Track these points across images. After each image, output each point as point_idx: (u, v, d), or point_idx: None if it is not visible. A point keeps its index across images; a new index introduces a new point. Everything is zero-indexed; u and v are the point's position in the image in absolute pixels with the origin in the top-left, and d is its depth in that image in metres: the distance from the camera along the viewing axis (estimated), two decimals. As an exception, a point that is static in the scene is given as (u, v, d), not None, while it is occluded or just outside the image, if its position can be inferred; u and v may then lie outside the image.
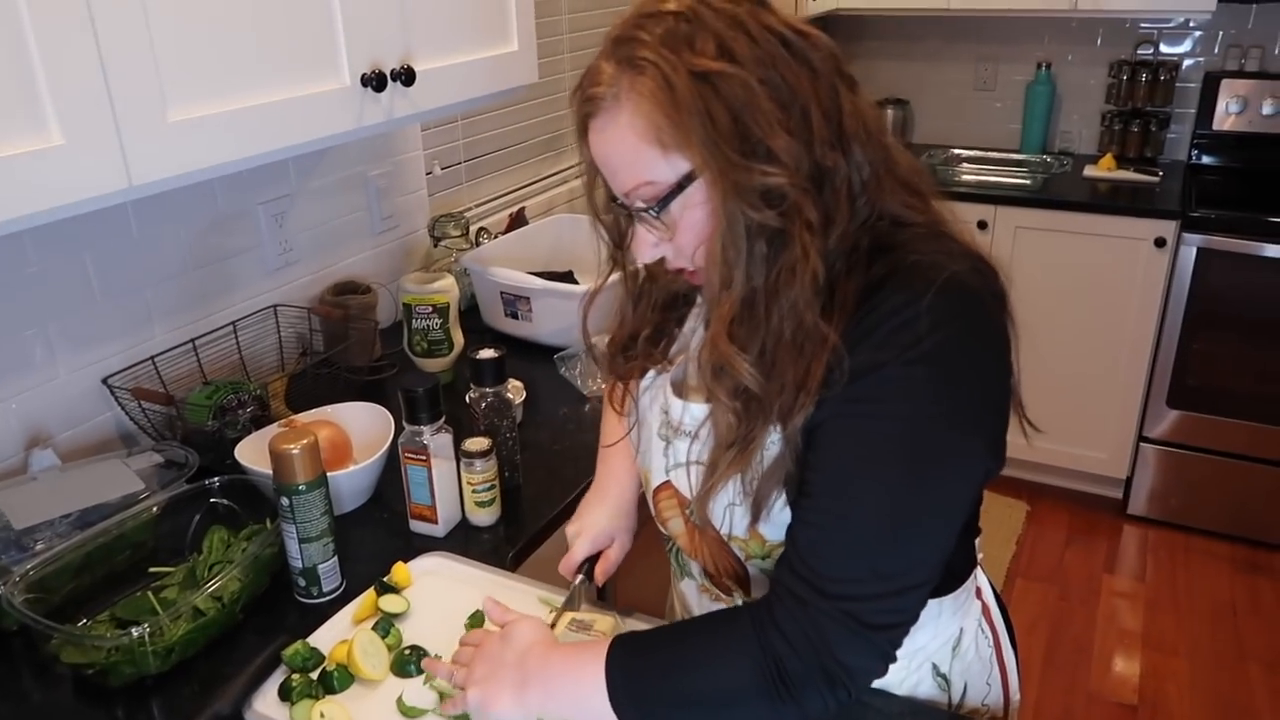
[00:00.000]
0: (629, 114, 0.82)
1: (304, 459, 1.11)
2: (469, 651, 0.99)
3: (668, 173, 0.83)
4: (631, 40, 0.82)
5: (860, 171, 0.84)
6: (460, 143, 2.25)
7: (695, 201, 0.84)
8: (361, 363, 1.73)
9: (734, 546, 0.96)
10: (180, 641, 1.07)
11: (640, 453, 1.08)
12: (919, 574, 0.85)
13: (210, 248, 1.63)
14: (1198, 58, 3.21)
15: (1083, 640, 2.68)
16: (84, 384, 1.44)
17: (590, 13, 2.70)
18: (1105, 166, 3.17)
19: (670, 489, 1.01)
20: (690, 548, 1.04)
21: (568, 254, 2.21)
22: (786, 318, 0.82)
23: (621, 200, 0.90)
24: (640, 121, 0.82)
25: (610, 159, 0.86)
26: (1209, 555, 3.01)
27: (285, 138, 1.22)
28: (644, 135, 0.82)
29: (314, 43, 1.24)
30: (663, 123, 0.80)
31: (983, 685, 1.09)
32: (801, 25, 0.85)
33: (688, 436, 0.96)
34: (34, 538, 1.18)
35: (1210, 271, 2.81)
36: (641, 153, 0.83)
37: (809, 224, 0.81)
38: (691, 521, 1.00)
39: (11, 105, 0.92)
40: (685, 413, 0.97)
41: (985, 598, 1.13)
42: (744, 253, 0.82)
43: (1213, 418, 2.95)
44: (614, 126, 0.84)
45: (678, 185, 0.83)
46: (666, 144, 0.81)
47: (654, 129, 0.81)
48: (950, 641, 1.04)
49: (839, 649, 0.82)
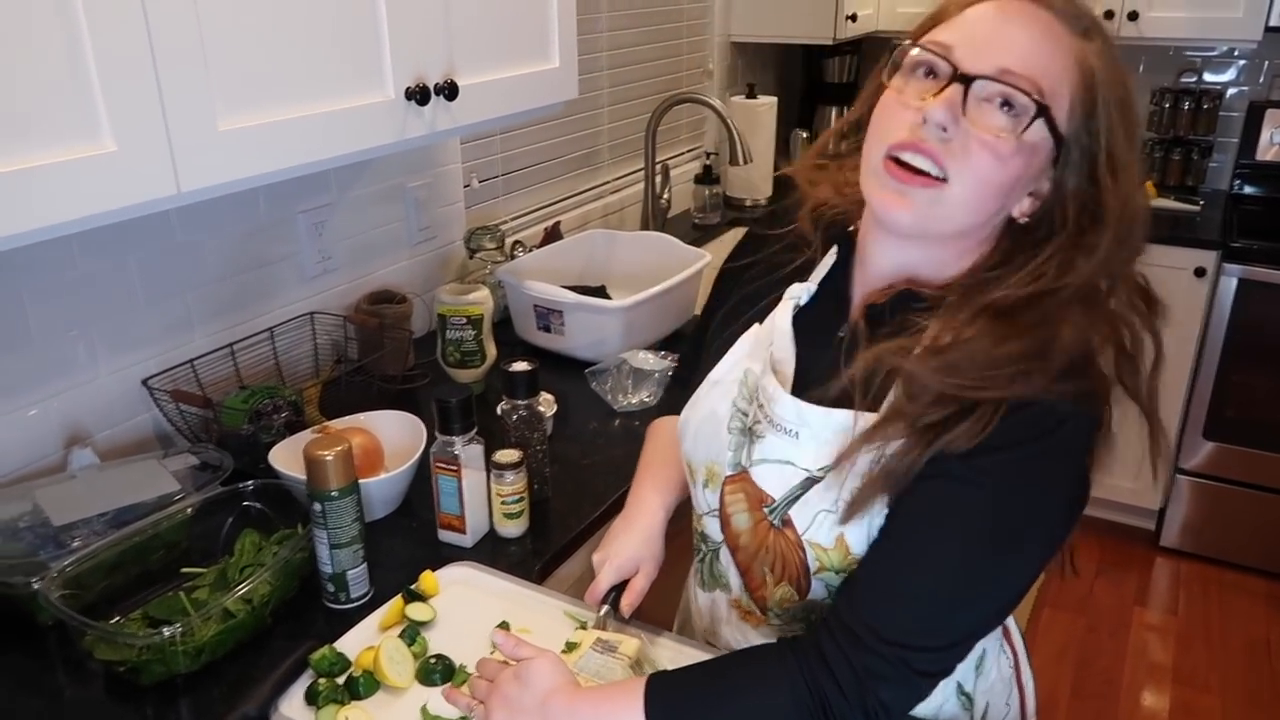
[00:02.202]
0: (1082, 51, 0.84)
1: (338, 465, 1.13)
2: (484, 686, 0.96)
3: (1059, 113, 0.83)
4: (1110, 42, 0.86)
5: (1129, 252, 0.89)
6: (498, 156, 2.27)
7: (1035, 148, 0.84)
8: (395, 372, 1.75)
9: (810, 554, 0.94)
10: (210, 642, 1.08)
11: (701, 444, 1.05)
12: (974, 635, 0.88)
13: (250, 254, 1.65)
14: (1242, 87, 3.17)
15: (1112, 673, 2.64)
16: (124, 385, 1.47)
17: (628, 30, 2.73)
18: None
19: (744, 482, 0.99)
20: (753, 548, 1.00)
21: (601, 269, 2.23)
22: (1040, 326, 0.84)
23: (972, 67, 0.83)
24: (1086, 64, 0.84)
25: (1036, 44, 0.83)
26: (1243, 590, 2.96)
27: (330, 148, 1.24)
28: (1074, 85, 0.83)
29: (360, 56, 1.26)
30: (1097, 91, 0.83)
31: (1002, 705, 1.09)
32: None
33: (785, 434, 0.95)
34: (71, 534, 1.20)
35: (1251, 303, 2.77)
36: (1061, 84, 0.83)
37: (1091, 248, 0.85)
38: (768, 520, 0.97)
39: (68, 113, 0.94)
40: (796, 412, 0.93)
41: (1005, 619, 1.13)
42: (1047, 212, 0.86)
43: (1250, 450, 2.90)
44: (1064, 42, 0.84)
45: (1053, 130, 0.84)
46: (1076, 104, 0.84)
47: (1086, 85, 0.83)
48: (974, 661, 1.04)
49: (884, 691, 0.83)
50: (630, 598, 1.10)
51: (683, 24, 3.03)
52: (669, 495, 1.17)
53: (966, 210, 0.86)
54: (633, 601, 1.10)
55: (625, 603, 1.10)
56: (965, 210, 0.86)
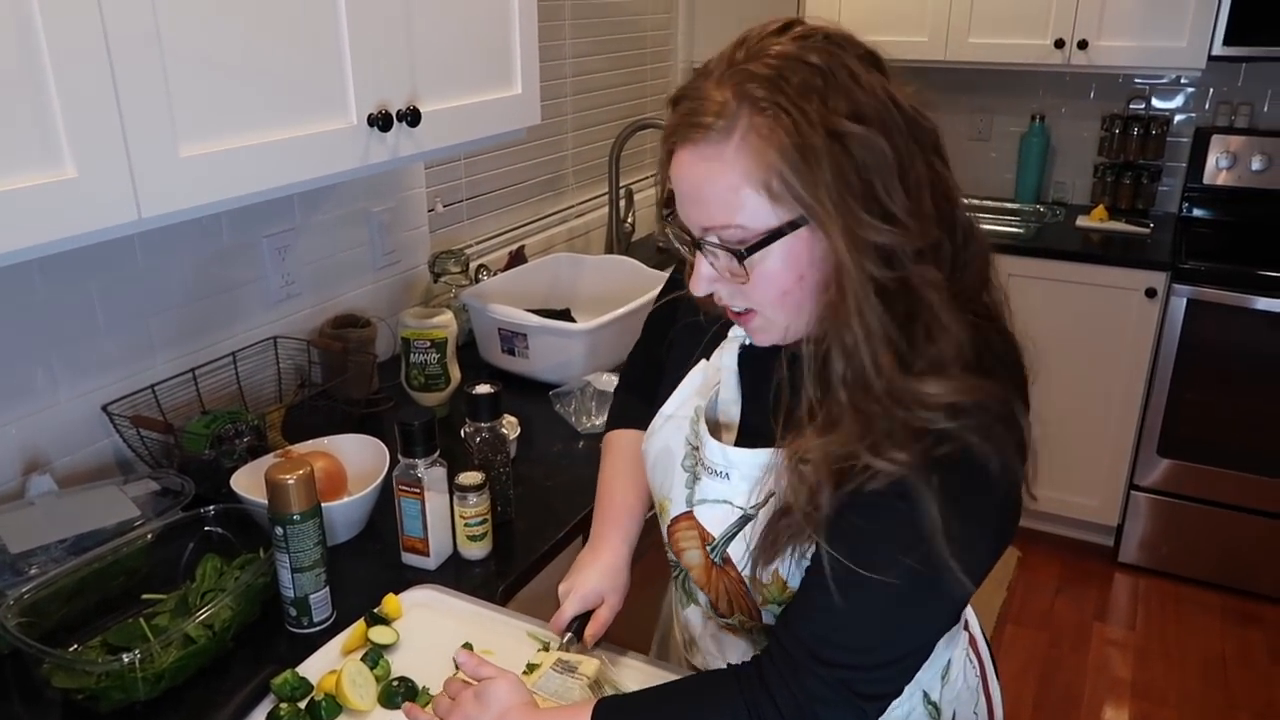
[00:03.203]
0: (740, 153, 0.79)
1: (299, 489, 1.13)
2: (445, 704, 0.97)
3: (767, 219, 0.80)
4: (763, 80, 0.79)
5: (960, 253, 0.86)
6: (463, 181, 2.29)
7: (786, 250, 0.81)
8: (359, 395, 1.75)
9: (753, 590, 0.97)
10: (171, 668, 1.08)
11: (658, 477, 1.07)
12: (917, 655, 0.88)
13: (214, 279, 1.65)
14: (1189, 113, 3.27)
15: (1073, 688, 2.68)
16: (84, 411, 1.46)
17: (592, 57, 2.76)
18: (1097, 217, 3.22)
19: (691, 521, 1.01)
20: (704, 581, 1.04)
21: (566, 293, 2.24)
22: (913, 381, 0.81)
23: (693, 230, 0.86)
24: (752, 164, 0.79)
25: (701, 190, 0.83)
26: (1200, 605, 3.01)
27: (293, 174, 1.25)
28: (751, 178, 0.79)
29: (323, 83, 1.28)
30: (783, 171, 0.78)
31: (969, 713, 1.11)
32: (914, 101, 0.84)
33: (718, 476, 0.97)
34: (29, 562, 1.19)
35: (1200, 323, 2.85)
36: (742, 194, 0.80)
37: (934, 285, 0.81)
38: (711, 559, 1.00)
39: (28, 139, 0.95)
40: (722, 456, 0.96)
41: (972, 629, 1.16)
42: (868, 307, 0.80)
43: (1203, 467, 2.97)
44: (717, 160, 0.80)
45: (774, 233, 0.81)
46: (776, 192, 0.79)
47: (768, 174, 0.79)
48: (940, 671, 1.06)
49: (826, 715, 0.84)
50: (594, 628, 1.11)
51: (646, 50, 3.07)
52: (631, 526, 1.18)
53: (788, 316, 0.87)
54: (596, 632, 1.11)
55: (589, 633, 1.11)
56: (787, 317, 0.87)
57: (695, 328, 1.06)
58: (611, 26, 2.84)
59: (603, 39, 2.80)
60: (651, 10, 3.06)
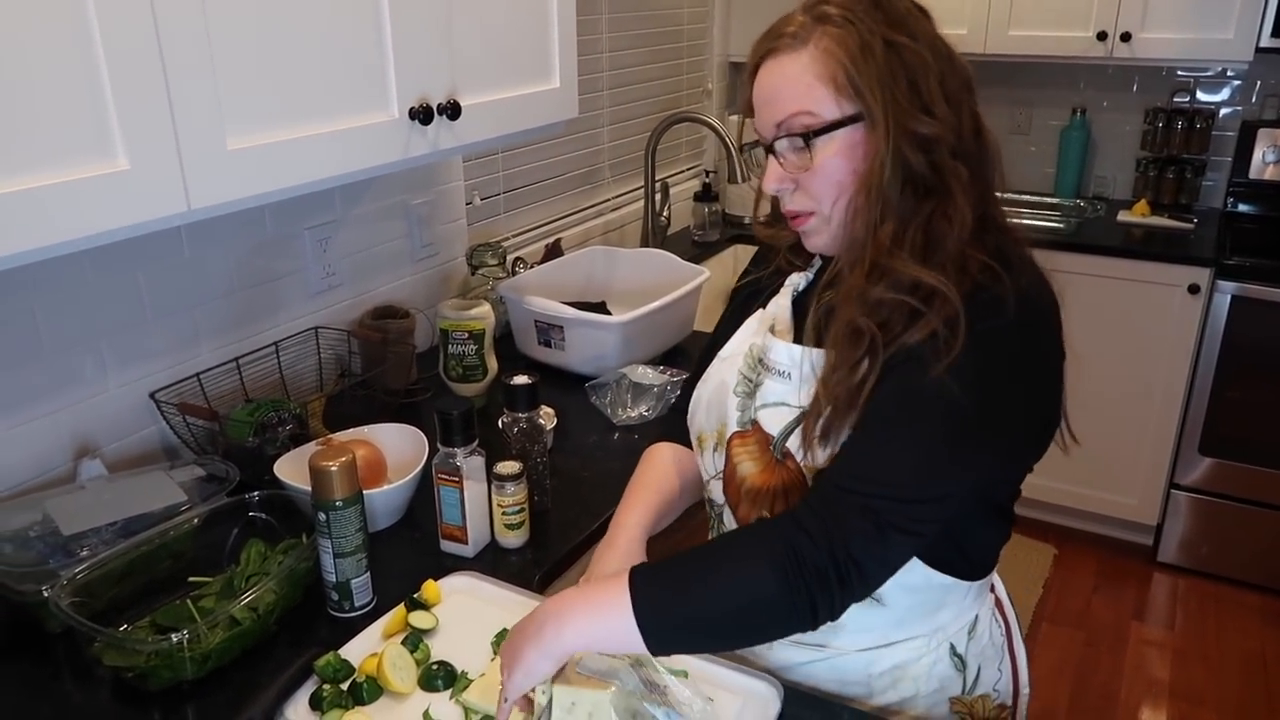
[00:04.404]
0: (812, 53, 0.93)
1: (342, 476, 1.15)
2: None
3: (831, 110, 0.93)
4: (836, 3, 0.94)
5: (988, 170, 0.98)
6: (500, 174, 2.31)
7: (847, 142, 0.94)
8: (398, 385, 1.77)
9: (810, 479, 1.00)
10: (217, 649, 1.10)
11: (712, 412, 1.12)
12: (943, 498, 0.92)
13: (257, 270, 1.68)
14: (1235, 106, 3.21)
15: (1110, 688, 2.65)
16: (132, 398, 1.50)
17: (629, 51, 2.77)
18: (1139, 212, 3.17)
19: (748, 435, 1.06)
20: (761, 484, 1.05)
21: (601, 285, 2.26)
22: (930, 258, 0.92)
23: (764, 137, 0.98)
24: (822, 60, 0.92)
25: (778, 88, 0.95)
26: (1240, 606, 2.97)
27: (336, 167, 1.27)
28: (821, 73, 0.92)
29: (366, 77, 1.30)
30: (847, 66, 0.91)
31: (994, 671, 1.15)
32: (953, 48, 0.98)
33: (781, 377, 1.03)
34: (80, 544, 1.22)
35: (1244, 319, 2.80)
36: (813, 86, 0.93)
37: (959, 176, 0.93)
38: (773, 456, 1.03)
39: (84, 132, 0.98)
40: (787, 353, 1.03)
41: (998, 591, 1.20)
42: (897, 194, 0.92)
43: (1246, 466, 2.92)
44: (792, 61, 0.94)
45: (837, 123, 0.93)
46: (841, 85, 0.92)
47: (834, 69, 0.92)
48: (968, 625, 1.10)
49: (853, 542, 0.88)
50: None
51: (682, 44, 3.07)
52: (647, 516, 1.20)
53: (840, 215, 0.98)
54: None
55: None
56: (839, 216, 0.98)
57: (755, 286, 1.17)
58: (648, 20, 2.84)
59: (639, 33, 2.80)
60: (688, 4, 3.06)
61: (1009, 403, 0.93)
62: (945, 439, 0.90)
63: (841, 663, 1.09)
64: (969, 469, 0.93)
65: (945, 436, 0.90)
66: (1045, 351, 0.96)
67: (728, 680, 1.07)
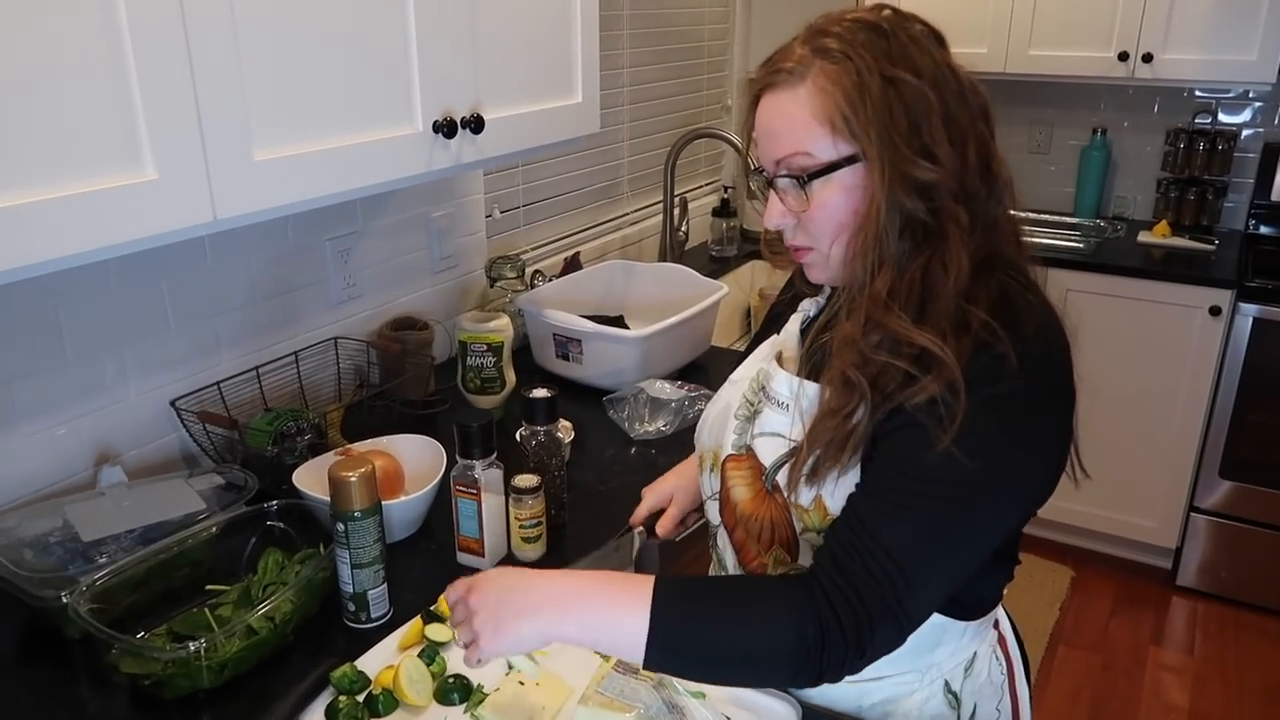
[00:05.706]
0: (810, 90, 0.91)
1: (361, 486, 1.15)
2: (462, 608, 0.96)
3: (828, 150, 0.91)
4: (835, 37, 0.91)
5: (994, 207, 0.95)
6: (520, 188, 2.31)
7: (844, 184, 0.92)
8: (416, 396, 1.78)
9: (795, 517, 1.00)
10: (234, 658, 1.10)
11: (713, 431, 1.12)
12: (954, 572, 0.92)
13: (278, 280, 1.69)
14: (1257, 128, 3.19)
15: (1127, 713, 2.62)
16: (152, 406, 1.50)
17: (649, 67, 2.78)
18: (1160, 233, 3.15)
19: (745, 459, 1.05)
20: (748, 515, 1.06)
21: (619, 299, 2.26)
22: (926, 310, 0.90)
23: (766, 170, 0.97)
24: (819, 99, 0.90)
25: (775, 124, 0.94)
26: (1260, 631, 2.93)
27: (360, 179, 1.28)
28: (818, 112, 0.90)
29: (391, 90, 1.31)
30: (843, 106, 0.89)
31: (992, 710, 1.12)
32: (970, 74, 0.95)
33: (779, 408, 1.02)
34: (100, 550, 1.23)
35: (1266, 342, 2.77)
36: (810, 126, 0.91)
37: (958, 221, 0.91)
38: (764, 486, 1.03)
39: (114, 143, 0.99)
40: (788, 385, 1.02)
41: (1002, 629, 1.17)
42: (894, 239, 0.91)
43: (1267, 490, 2.89)
44: (791, 98, 0.92)
45: (833, 164, 0.91)
46: (838, 126, 0.90)
47: (831, 109, 0.90)
48: (965, 663, 1.08)
49: (877, 637, 0.88)
50: (664, 523, 1.27)
51: (703, 60, 3.08)
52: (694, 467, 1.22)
53: (840, 253, 0.96)
54: (665, 525, 1.27)
55: (658, 529, 1.27)
56: (839, 253, 0.96)
57: (782, 307, 1.18)
58: (669, 37, 2.85)
59: (660, 49, 2.82)
60: (709, 21, 3.07)
61: (1020, 468, 0.91)
62: (959, 518, 0.89)
63: (833, 692, 1.07)
64: (986, 538, 0.93)
65: (959, 515, 0.89)
66: (1055, 406, 0.93)
67: (746, 700, 1.06)
